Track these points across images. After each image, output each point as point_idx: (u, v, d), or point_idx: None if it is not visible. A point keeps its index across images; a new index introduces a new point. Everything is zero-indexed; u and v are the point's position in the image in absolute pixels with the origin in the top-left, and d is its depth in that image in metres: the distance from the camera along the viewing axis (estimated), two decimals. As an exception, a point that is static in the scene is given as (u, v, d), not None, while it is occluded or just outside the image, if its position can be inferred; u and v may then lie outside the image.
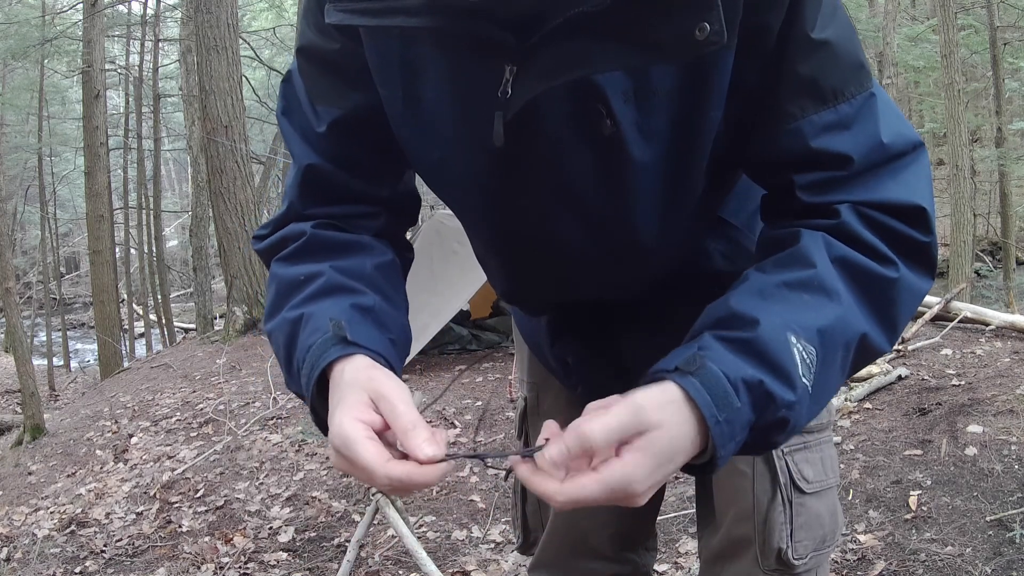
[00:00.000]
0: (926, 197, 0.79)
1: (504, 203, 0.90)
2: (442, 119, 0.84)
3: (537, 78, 0.76)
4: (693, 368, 0.68)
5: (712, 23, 0.70)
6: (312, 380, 0.78)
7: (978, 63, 12.64)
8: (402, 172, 0.99)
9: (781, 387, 0.69)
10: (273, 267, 0.91)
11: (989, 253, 12.91)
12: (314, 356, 0.78)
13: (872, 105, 0.78)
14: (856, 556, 2.68)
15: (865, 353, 0.77)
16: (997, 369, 4.32)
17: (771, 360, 0.69)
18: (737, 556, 1.10)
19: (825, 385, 0.73)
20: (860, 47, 0.80)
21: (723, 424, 0.67)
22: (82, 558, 3.73)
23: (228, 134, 8.34)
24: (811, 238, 0.77)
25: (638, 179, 0.82)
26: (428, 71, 0.83)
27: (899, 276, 0.77)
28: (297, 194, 0.93)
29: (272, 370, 6.58)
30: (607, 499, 0.65)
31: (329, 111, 0.90)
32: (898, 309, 0.78)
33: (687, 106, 0.78)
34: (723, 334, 0.71)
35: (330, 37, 0.87)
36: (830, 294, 0.74)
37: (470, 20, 0.75)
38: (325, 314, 0.81)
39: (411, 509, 3.74)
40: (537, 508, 1.29)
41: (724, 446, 0.68)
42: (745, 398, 0.68)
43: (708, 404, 0.67)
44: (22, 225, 19.13)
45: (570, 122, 0.80)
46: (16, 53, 11.98)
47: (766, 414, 0.69)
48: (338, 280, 0.86)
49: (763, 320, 0.71)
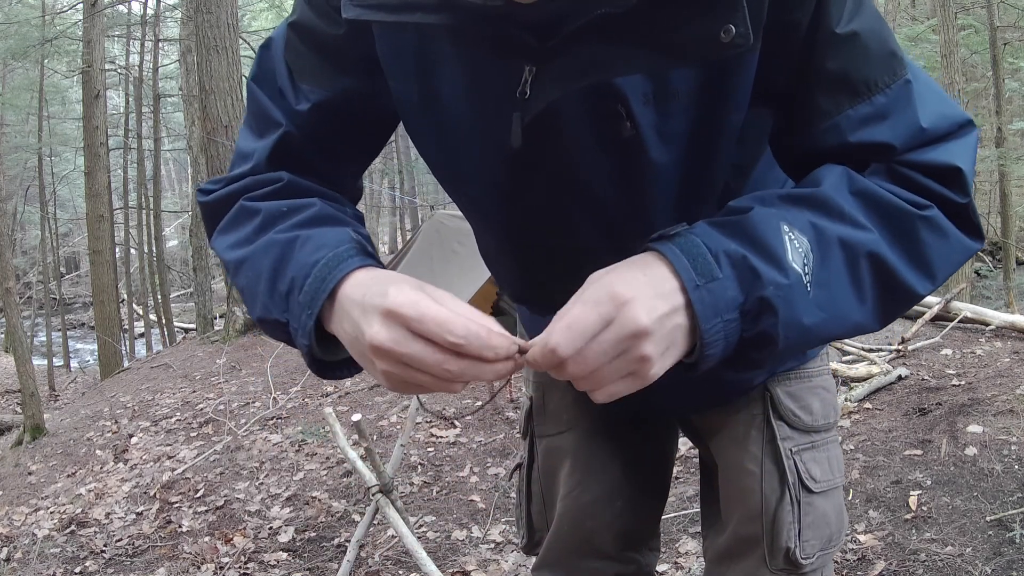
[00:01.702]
0: (966, 161, 0.77)
1: (519, 203, 0.89)
2: (458, 117, 0.83)
3: (557, 80, 0.75)
4: (671, 234, 0.69)
5: (738, 25, 0.69)
6: (324, 291, 0.72)
7: (978, 63, 12.63)
8: (364, 165, 0.98)
9: (767, 266, 0.67)
10: (243, 202, 0.85)
11: (989, 253, 12.90)
12: (326, 269, 0.73)
13: (908, 92, 0.77)
14: (856, 556, 2.68)
15: (888, 279, 0.73)
16: (997, 369, 4.32)
17: (757, 238, 0.68)
18: (744, 556, 1.10)
19: (831, 289, 0.70)
20: (891, 35, 0.78)
21: (703, 291, 0.66)
22: (82, 558, 3.73)
23: (228, 134, 8.34)
24: (828, 168, 0.76)
25: (656, 181, 0.82)
26: (445, 68, 0.81)
27: (931, 216, 0.74)
28: (266, 156, 0.88)
29: (272, 370, 6.58)
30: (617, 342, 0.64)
31: (314, 91, 0.88)
32: (930, 251, 0.74)
33: (707, 108, 0.77)
34: (713, 219, 0.71)
35: (332, 21, 0.85)
36: (831, 212, 0.72)
37: (490, 20, 0.73)
38: (328, 236, 0.78)
39: (411, 509, 3.74)
40: (542, 508, 1.29)
41: (708, 319, 0.66)
42: (728, 271, 0.67)
43: (685, 267, 0.66)
44: (22, 225, 19.11)
45: (589, 124, 0.78)
46: (16, 53, 11.98)
47: (753, 292, 0.67)
48: (331, 211, 0.84)
49: (756, 208, 0.70)
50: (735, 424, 1.10)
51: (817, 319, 0.70)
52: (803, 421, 1.08)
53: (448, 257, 5.88)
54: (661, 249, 0.68)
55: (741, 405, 1.10)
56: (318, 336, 0.74)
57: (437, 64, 0.82)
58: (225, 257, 0.85)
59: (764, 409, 1.08)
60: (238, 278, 0.83)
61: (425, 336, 0.65)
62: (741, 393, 1.09)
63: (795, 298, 0.68)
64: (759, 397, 1.09)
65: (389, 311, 0.66)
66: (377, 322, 0.67)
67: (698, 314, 0.66)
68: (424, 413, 4.76)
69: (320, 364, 0.78)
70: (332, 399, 5.80)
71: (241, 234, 0.83)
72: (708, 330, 0.66)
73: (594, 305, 0.65)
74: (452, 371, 0.65)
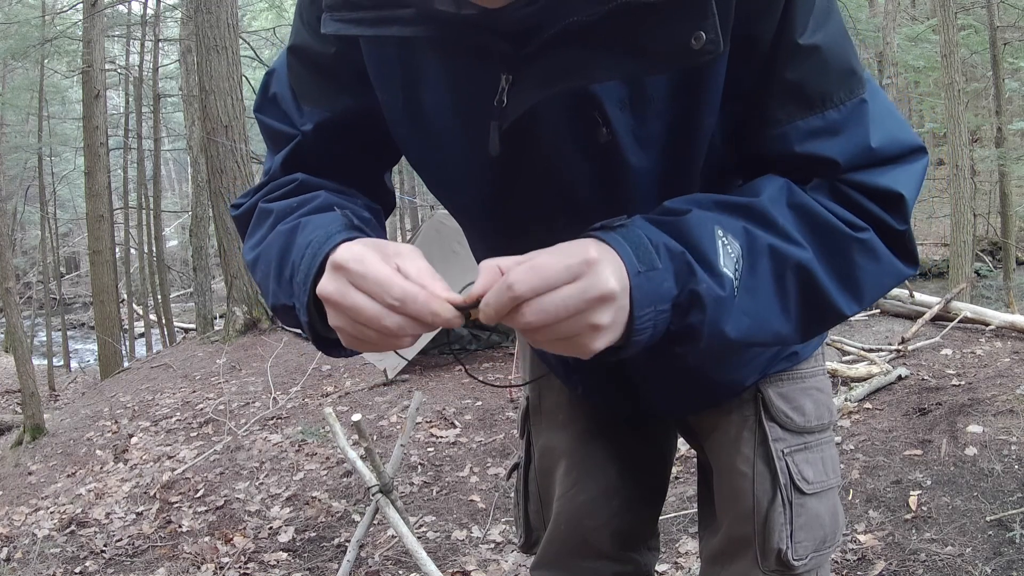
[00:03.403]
0: (909, 188, 0.77)
1: (503, 209, 0.91)
2: (441, 126, 0.85)
3: (533, 87, 0.76)
4: (614, 226, 0.69)
5: (708, 32, 0.70)
6: (314, 267, 0.75)
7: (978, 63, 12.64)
8: (379, 174, 1.00)
9: (700, 266, 0.68)
10: (261, 205, 0.89)
11: (989, 253, 12.90)
12: (316, 245, 0.76)
13: (862, 111, 0.77)
14: (856, 556, 2.68)
15: (812, 295, 0.74)
16: (997, 369, 4.32)
17: (692, 240, 0.69)
18: (737, 556, 1.10)
19: (756, 297, 0.71)
20: (853, 53, 0.79)
21: (643, 278, 0.66)
22: (82, 558, 3.73)
23: (228, 134, 8.34)
24: (769, 179, 0.77)
25: (635, 185, 0.83)
26: (427, 78, 0.83)
27: (866, 239, 0.75)
28: (280, 163, 0.93)
29: (272, 370, 6.58)
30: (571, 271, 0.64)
31: (315, 112, 0.91)
32: (861, 273, 0.75)
33: (682, 113, 0.78)
34: (651, 216, 0.72)
35: (325, 41, 0.87)
36: (766, 223, 0.73)
37: (466, 30, 0.75)
38: (324, 219, 0.80)
39: (411, 509, 3.74)
40: (539, 507, 1.30)
41: (643, 307, 0.67)
42: (667, 263, 0.68)
43: (628, 254, 0.67)
44: (22, 225, 19.11)
45: (567, 130, 0.80)
46: (16, 53, 11.99)
47: (687, 287, 0.68)
48: (335, 199, 0.86)
49: (693, 210, 0.72)
50: (728, 425, 1.11)
51: (741, 324, 0.71)
52: (795, 422, 1.09)
53: (448, 257, 5.88)
54: (604, 237, 0.68)
55: (734, 406, 1.10)
56: (319, 312, 0.76)
57: (419, 75, 0.83)
58: (246, 259, 0.89)
59: (756, 410, 1.08)
60: (256, 274, 0.86)
61: (365, 291, 0.67)
62: (732, 395, 1.10)
63: (724, 300, 0.69)
64: (751, 398, 1.09)
65: (336, 263, 0.69)
66: (327, 275, 0.70)
67: (635, 300, 0.66)
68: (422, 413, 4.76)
69: (323, 341, 0.80)
70: (332, 399, 5.80)
71: (258, 235, 0.87)
72: (640, 317, 0.67)
73: (563, 256, 0.65)
74: (391, 327, 0.67)
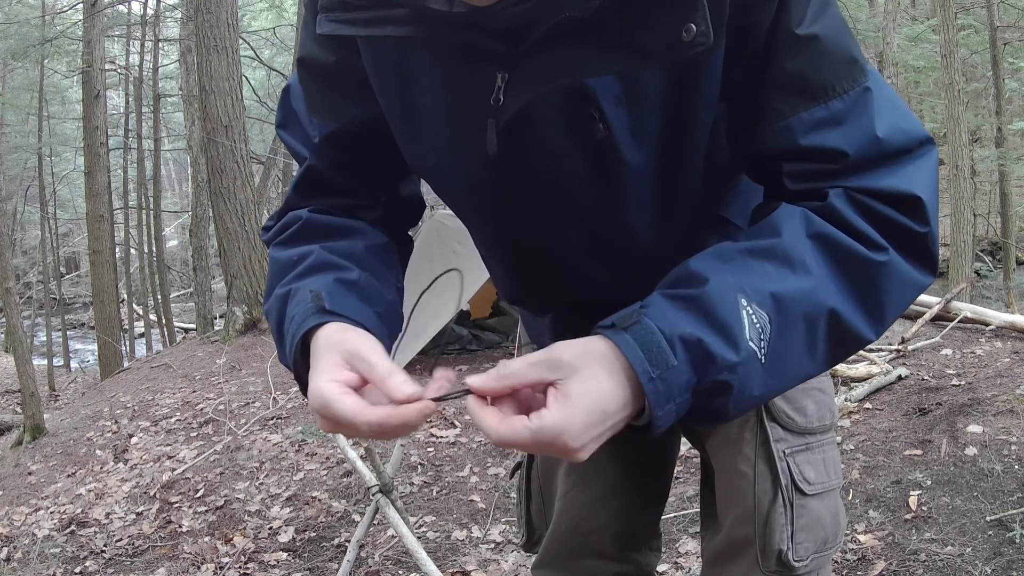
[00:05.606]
0: (925, 188, 0.76)
1: (502, 207, 0.91)
2: (438, 126, 0.85)
3: (528, 85, 0.76)
4: (628, 324, 0.68)
5: (698, 24, 0.70)
6: (293, 348, 0.81)
7: (978, 63, 12.64)
8: (400, 179, 1.00)
9: (723, 346, 0.67)
10: (271, 251, 0.95)
11: (989, 253, 12.91)
12: (295, 325, 0.81)
13: (866, 100, 0.76)
14: (856, 556, 2.68)
15: (840, 334, 0.74)
16: (997, 369, 4.32)
17: (714, 317, 0.68)
18: (738, 557, 1.10)
19: (784, 357, 0.71)
20: (853, 42, 0.78)
21: (657, 382, 0.66)
22: (82, 558, 3.73)
23: (228, 134, 8.33)
24: (786, 211, 0.76)
25: (632, 181, 0.83)
26: (423, 78, 0.84)
27: (887, 260, 0.74)
28: (294, 190, 0.97)
29: (272, 370, 6.58)
30: (538, 446, 0.66)
31: (325, 123, 0.92)
32: (885, 296, 0.75)
33: (678, 108, 0.78)
34: (670, 292, 0.71)
35: (327, 49, 0.88)
36: (794, 265, 0.72)
37: (459, 29, 0.75)
38: (304, 292, 0.84)
39: (411, 509, 3.74)
40: (541, 507, 1.30)
41: (661, 406, 0.66)
42: (683, 356, 0.67)
43: (639, 359, 0.66)
44: (22, 225, 19.12)
45: (563, 127, 0.80)
46: (16, 53, 11.98)
47: (707, 375, 0.67)
48: (326, 258, 0.89)
49: (713, 279, 0.70)
50: (729, 426, 1.10)
51: (768, 384, 0.71)
52: (797, 423, 1.08)
53: (448, 257, 5.87)
54: (615, 340, 0.67)
55: None
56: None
57: (416, 76, 0.84)
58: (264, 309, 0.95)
59: (757, 411, 1.08)
60: (270, 326, 0.93)
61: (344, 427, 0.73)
62: None
63: (749, 375, 0.69)
64: None
65: (312, 405, 0.74)
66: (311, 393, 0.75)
67: (651, 404, 0.66)
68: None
69: None
70: (332, 399, 5.79)
71: (268, 286, 0.93)
72: (660, 416, 0.67)
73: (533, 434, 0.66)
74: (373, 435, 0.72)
